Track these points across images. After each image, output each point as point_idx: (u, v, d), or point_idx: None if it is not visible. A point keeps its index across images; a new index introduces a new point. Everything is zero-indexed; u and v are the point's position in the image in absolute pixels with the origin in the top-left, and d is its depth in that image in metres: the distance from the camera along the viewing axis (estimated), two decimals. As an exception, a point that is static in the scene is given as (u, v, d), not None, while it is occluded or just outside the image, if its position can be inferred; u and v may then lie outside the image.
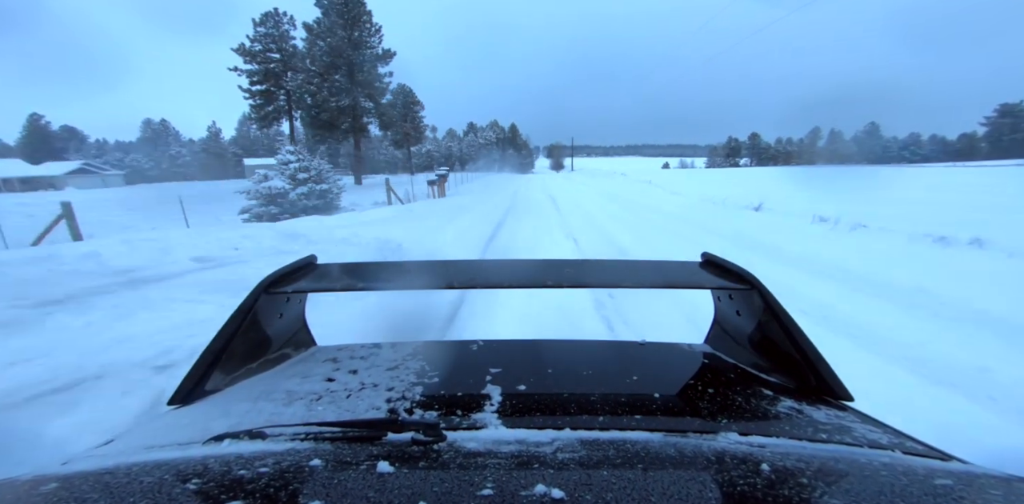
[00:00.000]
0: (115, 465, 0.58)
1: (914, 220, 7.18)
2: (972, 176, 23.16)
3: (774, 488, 0.50)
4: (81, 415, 2.09)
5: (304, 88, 30.76)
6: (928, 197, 12.87)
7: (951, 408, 2.33)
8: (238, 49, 31.53)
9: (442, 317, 3.66)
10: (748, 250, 6.40)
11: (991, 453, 0.72)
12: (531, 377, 0.96)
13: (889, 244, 6.13)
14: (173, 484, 0.52)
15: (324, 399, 0.86)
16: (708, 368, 1.05)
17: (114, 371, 2.52)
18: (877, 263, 5.14)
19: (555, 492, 0.48)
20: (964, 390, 2.51)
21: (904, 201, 11.37)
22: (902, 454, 0.63)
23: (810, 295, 4.21)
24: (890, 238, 6.43)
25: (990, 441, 2.02)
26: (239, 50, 31.52)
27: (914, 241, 6.07)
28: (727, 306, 1.16)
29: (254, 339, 1.06)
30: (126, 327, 3.15)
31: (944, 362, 2.82)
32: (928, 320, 3.53)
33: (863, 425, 0.76)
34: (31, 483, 0.54)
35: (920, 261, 5.19)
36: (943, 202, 11.27)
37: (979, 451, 0.74)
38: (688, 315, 3.54)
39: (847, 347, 3.07)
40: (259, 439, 0.66)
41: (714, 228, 8.68)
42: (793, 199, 11.03)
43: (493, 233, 8.74)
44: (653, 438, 0.64)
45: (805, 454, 0.59)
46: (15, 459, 1.60)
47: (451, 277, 1.08)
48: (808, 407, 0.82)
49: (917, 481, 0.52)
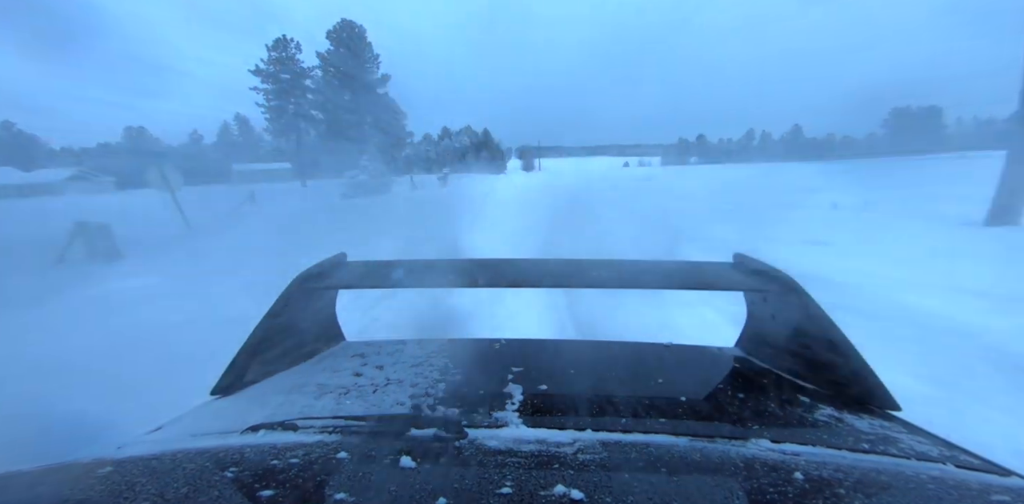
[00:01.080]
0: (162, 451, 0.63)
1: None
2: (838, 167, 31.84)
3: (807, 498, 0.48)
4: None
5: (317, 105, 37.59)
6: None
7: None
8: (255, 71, 37.76)
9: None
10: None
11: None
12: (553, 377, 0.97)
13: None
14: (213, 471, 0.56)
15: (352, 393, 0.90)
16: (738, 372, 1.03)
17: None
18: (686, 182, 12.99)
19: (575, 493, 0.48)
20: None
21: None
22: (954, 468, 0.60)
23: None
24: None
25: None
26: (255, 71, 37.76)
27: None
28: (761, 308, 1.14)
29: (288, 333, 1.10)
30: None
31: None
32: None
33: (911, 436, 0.72)
34: (89, 466, 0.58)
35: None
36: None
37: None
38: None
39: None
40: (291, 430, 0.69)
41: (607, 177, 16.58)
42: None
43: (493, 187, 16.64)
44: (678, 442, 0.63)
45: (844, 464, 0.57)
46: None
47: (480, 275, 1.10)
48: (849, 416, 0.79)
49: (969, 496, 0.49)
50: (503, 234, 7.89)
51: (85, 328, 3.94)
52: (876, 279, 4.75)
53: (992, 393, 2.50)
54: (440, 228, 9.15)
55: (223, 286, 4.98)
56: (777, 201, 12.42)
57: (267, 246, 7.97)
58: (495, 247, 6.48)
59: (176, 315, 4.05)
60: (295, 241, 8.26)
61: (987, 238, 6.51)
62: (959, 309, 3.76)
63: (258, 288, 1.95)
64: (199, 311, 4.13)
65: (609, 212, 10.84)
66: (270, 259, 5.88)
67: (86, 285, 5.52)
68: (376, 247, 6.80)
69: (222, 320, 2.81)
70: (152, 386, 2.14)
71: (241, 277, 5.24)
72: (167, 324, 3.79)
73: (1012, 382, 2.60)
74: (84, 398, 2.18)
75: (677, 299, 3.89)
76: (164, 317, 4.00)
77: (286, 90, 38.34)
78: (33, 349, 3.33)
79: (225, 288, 4.86)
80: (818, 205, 10.65)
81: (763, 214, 10.33)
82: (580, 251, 2.80)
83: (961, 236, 6.76)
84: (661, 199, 14.19)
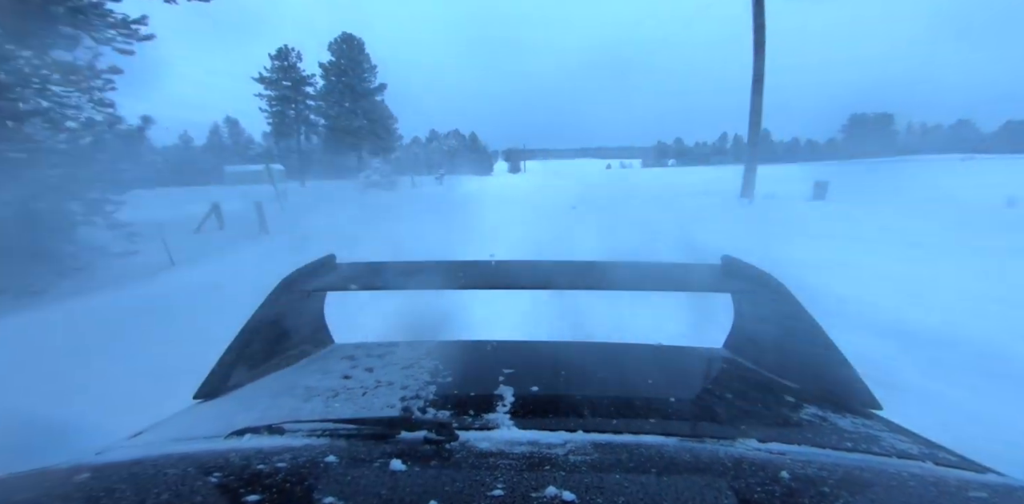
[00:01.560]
0: (143, 456, 0.61)
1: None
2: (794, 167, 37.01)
3: (794, 496, 0.49)
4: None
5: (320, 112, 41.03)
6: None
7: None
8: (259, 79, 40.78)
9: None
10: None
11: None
12: (544, 379, 0.96)
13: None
14: (196, 477, 0.54)
15: (341, 396, 0.88)
16: (727, 373, 1.04)
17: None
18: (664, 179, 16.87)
19: (566, 494, 0.48)
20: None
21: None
22: (933, 465, 0.62)
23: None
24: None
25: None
26: (259, 79, 40.79)
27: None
28: (748, 310, 1.16)
29: (275, 336, 1.09)
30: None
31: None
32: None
33: (892, 434, 0.74)
34: (67, 472, 0.56)
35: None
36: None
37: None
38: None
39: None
40: (278, 434, 0.67)
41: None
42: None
43: (483, 184, 20.89)
44: (668, 443, 0.64)
45: (828, 462, 0.58)
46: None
47: (467, 278, 1.10)
48: (832, 415, 0.80)
49: (948, 493, 0.50)
50: (495, 209, 12.37)
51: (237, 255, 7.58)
52: (681, 223, 8.87)
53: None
54: (452, 209, 13.57)
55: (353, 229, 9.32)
56: (684, 192, 16.92)
57: (352, 214, 12.12)
58: (489, 216, 10.46)
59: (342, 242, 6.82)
60: (373, 213, 12.46)
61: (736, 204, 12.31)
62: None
63: (371, 224, 6.26)
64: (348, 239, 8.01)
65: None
66: (366, 215, 10.00)
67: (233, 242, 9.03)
68: (425, 219, 10.95)
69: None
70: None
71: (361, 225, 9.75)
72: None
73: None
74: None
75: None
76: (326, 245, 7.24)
77: (287, 97, 41.46)
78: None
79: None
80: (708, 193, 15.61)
81: (664, 199, 14.59)
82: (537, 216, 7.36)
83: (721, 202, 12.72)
84: (612, 191, 18.56)
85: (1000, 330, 3.11)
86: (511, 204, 13.77)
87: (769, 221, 8.85)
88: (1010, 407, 2.26)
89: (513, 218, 10.16)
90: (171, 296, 4.92)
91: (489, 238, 7.57)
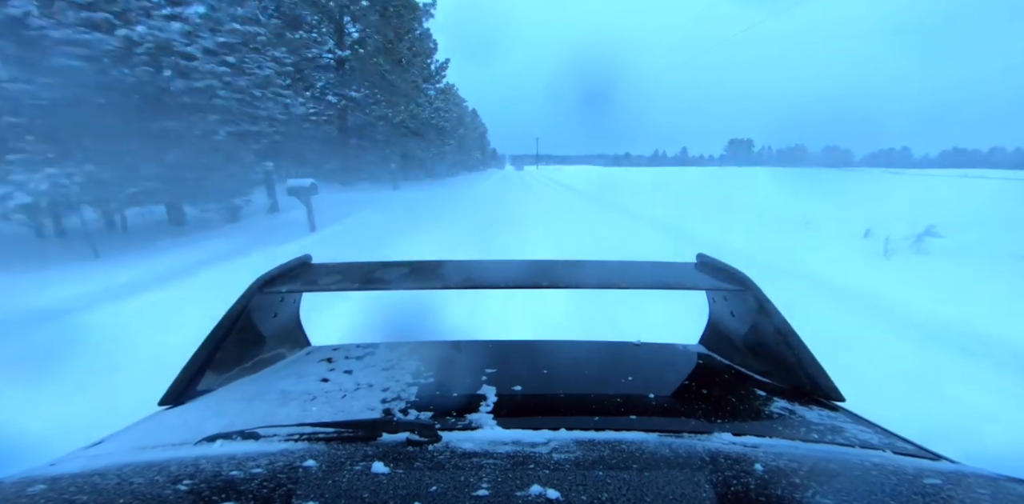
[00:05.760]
0: (105, 466, 0.57)
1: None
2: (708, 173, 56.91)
3: (767, 488, 0.51)
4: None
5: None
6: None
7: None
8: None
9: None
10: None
11: (980, 454, 0.76)
12: (526, 378, 0.96)
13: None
14: (164, 485, 0.51)
15: (319, 399, 0.86)
16: (702, 369, 1.06)
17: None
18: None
19: (551, 492, 0.49)
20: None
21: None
22: (892, 454, 0.65)
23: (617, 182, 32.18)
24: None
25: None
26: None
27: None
28: (722, 307, 1.18)
29: (248, 339, 1.06)
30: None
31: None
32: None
33: (855, 425, 0.77)
34: (18, 484, 0.53)
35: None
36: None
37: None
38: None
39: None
40: (252, 440, 0.66)
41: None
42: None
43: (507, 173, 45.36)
44: (648, 438, 0.65)
45: (798, 454, 0.60)
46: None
47: (447, 277, 1.08)
48: (801, 408, 0.83)
49: (907, 480, 0.53)
50: (508, 182, 32.07)
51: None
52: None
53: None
54: (498, 175, 36.18)
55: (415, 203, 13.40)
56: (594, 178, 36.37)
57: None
58: (500, 186, 29.02)
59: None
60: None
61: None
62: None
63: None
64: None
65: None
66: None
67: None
68: (466, 193, 18.22)
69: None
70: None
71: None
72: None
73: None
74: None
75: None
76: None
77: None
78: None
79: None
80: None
81: (614, 189, 20.29)
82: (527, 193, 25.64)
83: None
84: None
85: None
86: (521, 175, 34.37)
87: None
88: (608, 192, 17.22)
89: (520, 176, 31.61)
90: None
91: (516, 177, 27.96)
